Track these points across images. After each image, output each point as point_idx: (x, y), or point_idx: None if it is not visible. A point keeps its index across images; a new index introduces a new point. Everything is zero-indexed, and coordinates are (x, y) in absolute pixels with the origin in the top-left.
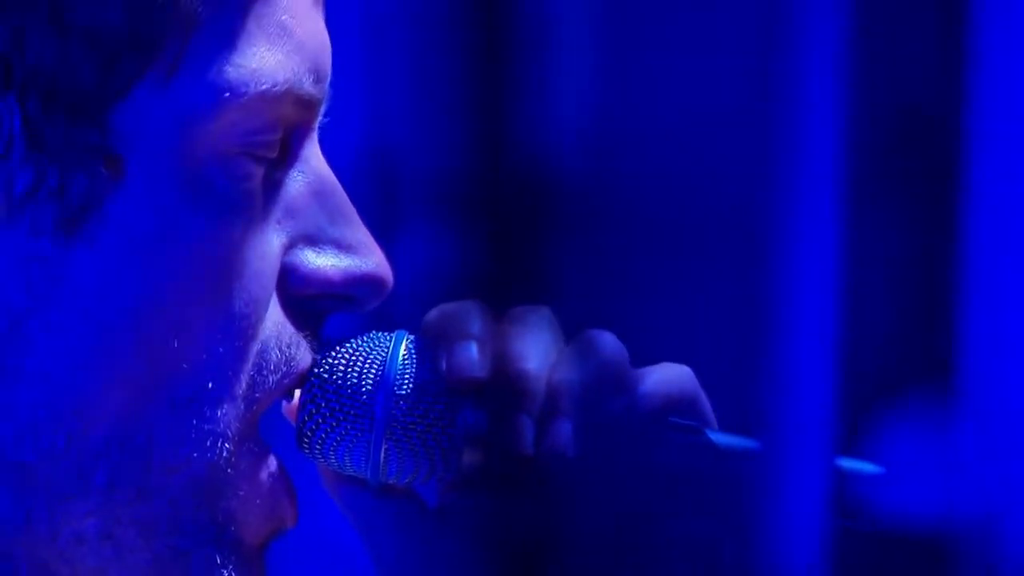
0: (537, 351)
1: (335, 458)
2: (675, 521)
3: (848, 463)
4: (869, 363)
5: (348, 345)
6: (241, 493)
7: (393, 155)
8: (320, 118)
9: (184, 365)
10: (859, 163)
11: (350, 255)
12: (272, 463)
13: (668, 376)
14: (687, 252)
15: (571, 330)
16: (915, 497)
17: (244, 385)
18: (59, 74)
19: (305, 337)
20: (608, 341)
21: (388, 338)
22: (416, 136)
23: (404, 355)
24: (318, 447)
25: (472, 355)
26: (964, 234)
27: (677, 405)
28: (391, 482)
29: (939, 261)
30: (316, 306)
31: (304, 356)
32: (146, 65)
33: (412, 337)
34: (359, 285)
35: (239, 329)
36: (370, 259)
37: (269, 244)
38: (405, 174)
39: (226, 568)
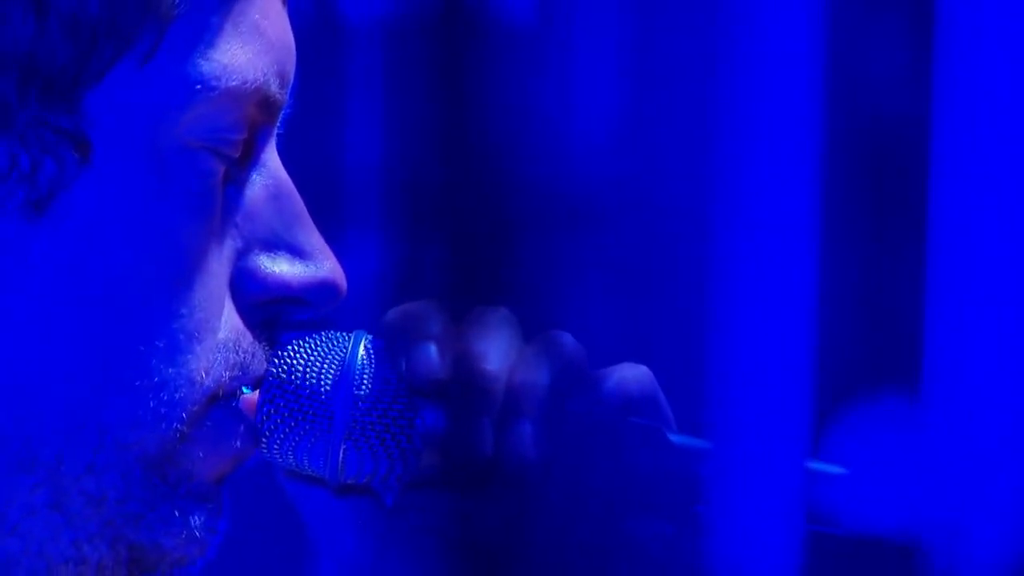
0: (497, 352)
1: (294, 458)
2: (637, 522)
3: (816, 465)
4: (835, 366)
5: (306, 344)
6: (197, 457)
7: (355, 161)
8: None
9: (140, 351)
10: (828, 172)
11: (305, 260)
12: (235, 427)
13: (628, 376)
14: (652, 254)
15: (533, 331)
16: (881, 500)
17: (201, 374)
18: (35, 57)
19: (262, 347)
20: (567, 342)
21: (347, 338)
22: (378, 142)
23: (363, 355)
24: (276, 447)
25: (431, 356)
26: (928, 240)
27: (637, 405)
28: (350, 482)
29: (903, 266)
30: (271, 312)
31: (260, 365)
32: (121, 52)
33: (371, 337)
34: (314, 290)
35: (197, 322)
36: (325, 264)
37: (226, 245)
38: (367, 179)
39: (184, 516)
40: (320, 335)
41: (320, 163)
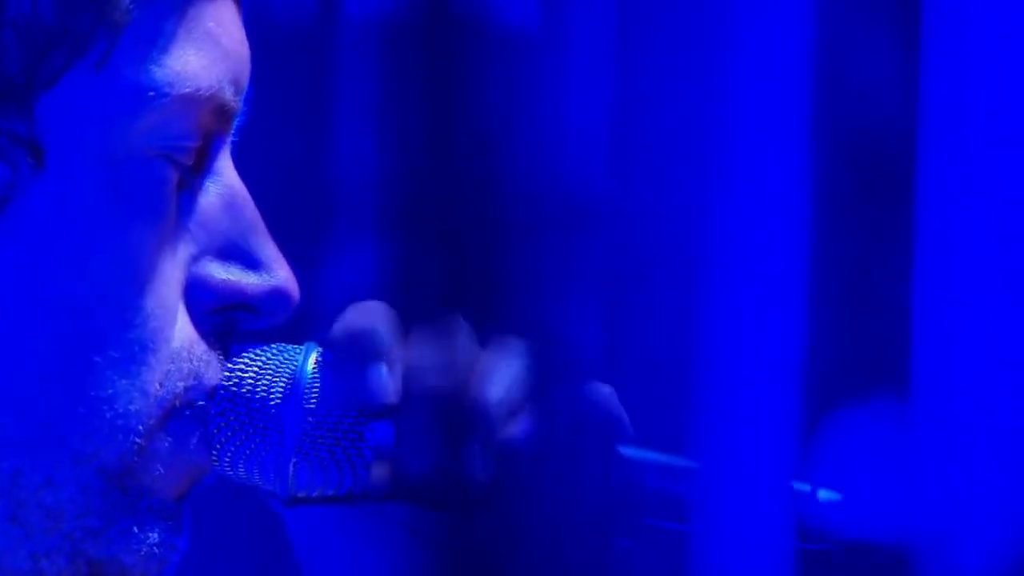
0: (448, 366)
1: (244, 471)
2: (613, 541)
3: (804, 487)
4: (825, 372)
5: (258, 357)
6: (156, 470)
7: (347, 165)
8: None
9: (95, 361)
10: (816, 178)
11: (258, 269)
12: (192, 439)
13: (589, 397)
14: (642, 260)
15: (521, 335)
16: (872, 507)
17: (156, 385)
18: None
19: (216, 356)
20: (521, 354)
21: (298, 350)
22: (369, 146)
23: (313, 368)
24: (228, 460)
25: (382, 382)
26: (916, 246)
27: (596, 426)
28: (300, 496)
29: (891, 271)
30: (224, 320)
31: (215, 375)
32: (74, 58)
33: (322, 350)
34: (267, 298)
35: (150, 331)
36: (278, 274)
37: (179, 253)
38: (358, 183)
39: (143, 532)
40: (272, 347)
41: (311, 167)
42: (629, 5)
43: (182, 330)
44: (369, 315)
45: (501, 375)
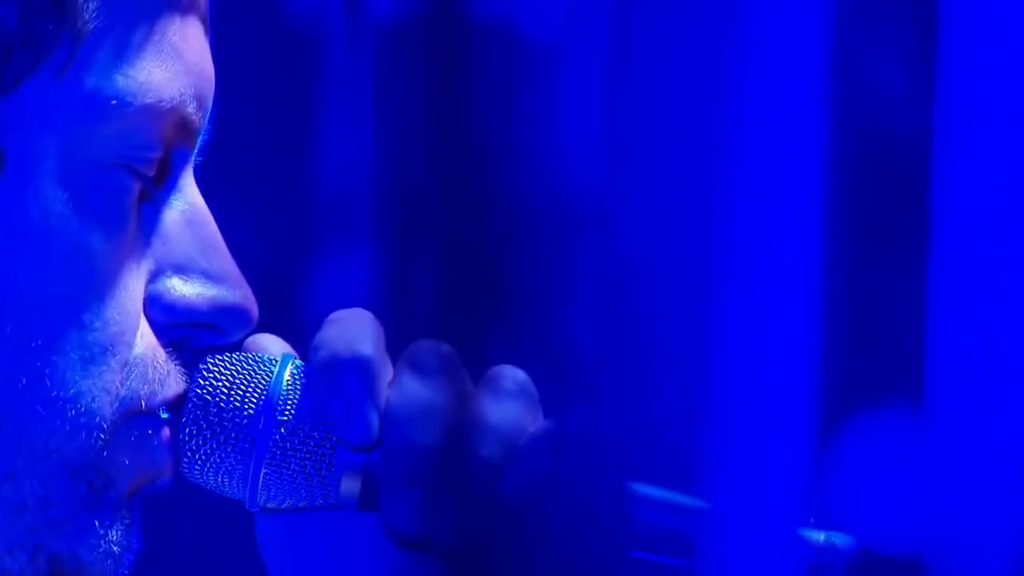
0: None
1: (214, 479)
2: None
3: (814, 534)
4: (839, 379)
5: (233, 365)
6: (121, 465)
7: (344, 171)
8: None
9: (54, 362)
10: (830, 185)
11: (217, 285)
12: (156, 436)
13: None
14: (651, 265)
15: (522, 343)
16: (884, 514)
17: (116, 385)
18: None
19: (176, 369)
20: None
21: (274, 361)
22: (368, 152)
23: (288, 380)
24: (198, 467)
25: (367, 423)
26: (930, 256)
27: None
28: (270, 507)
29: (905, 280)
30: (182, 335)
31: (176, 384)
32: (36, 64)
33: (299, 362)
34: (224, 314)
35: (111, 336)
36: (236, 291)
37: (141, 264)
38: (356, 189)
39: (103, 528)
40: (249, 356)
41: (308, 174)
42: (643, 8)
43: (144, 338)
44: (351, 329)
45: (493, 425)
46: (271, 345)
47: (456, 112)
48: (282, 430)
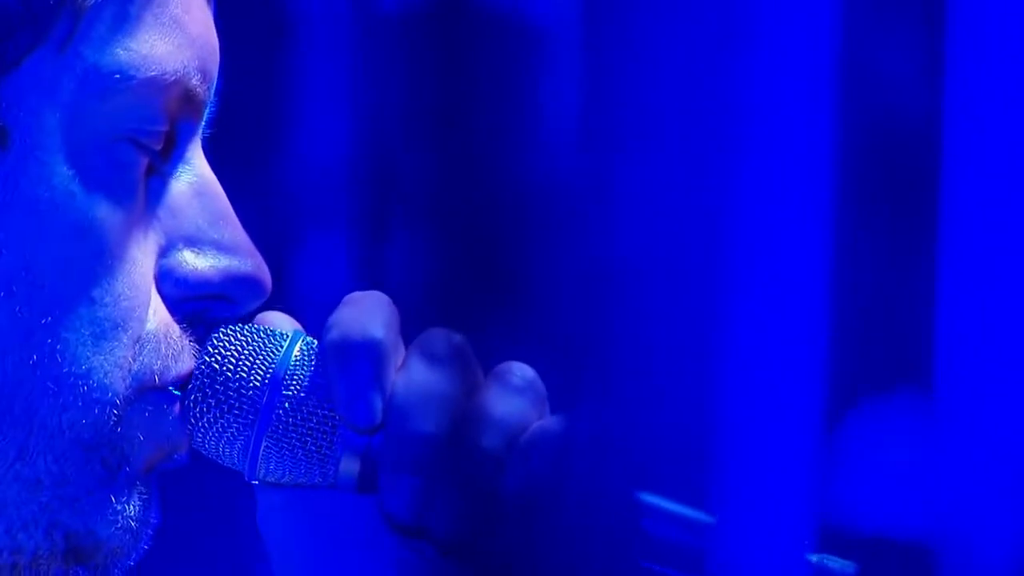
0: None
1: (215, 448)
2: None
3: (819, 559)
4: (848, 367)
5: (243, 337)
6: (137, 440)
7: (369, 164)
8: (204, 126)
9: (65, 339)
10: (839, 177)
11: (229, 256)
12: (171, 411)
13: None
14: (658, 257)
15: (524, 332)
16: (894, 502)
17: (128, 360)
18: None
19: (189, 344)
20: (523, 384)
21: (284, 336)
22: (366, 140)
23: (297, 356)
24: (200, 435)
25: (370, 407)
26: (940, 247)
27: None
28: (268, 480)
29: (915, 271)
30: (195, 308)
31: (190, 359)
32: (38, 39)
33: (309, 339)
34: (237, 285)
35: (122, 311)
36: (249, 260)
37: (150, 238)
38: (353, 177)
39: (120, 504)
40: (258, 329)
41: (302, 162)
42: (652, 1)
43: (156, 313)
44: (365, 312)
45: (498, 417)
46: (282, 322)
47: (457, 101)
48: (286, 405)
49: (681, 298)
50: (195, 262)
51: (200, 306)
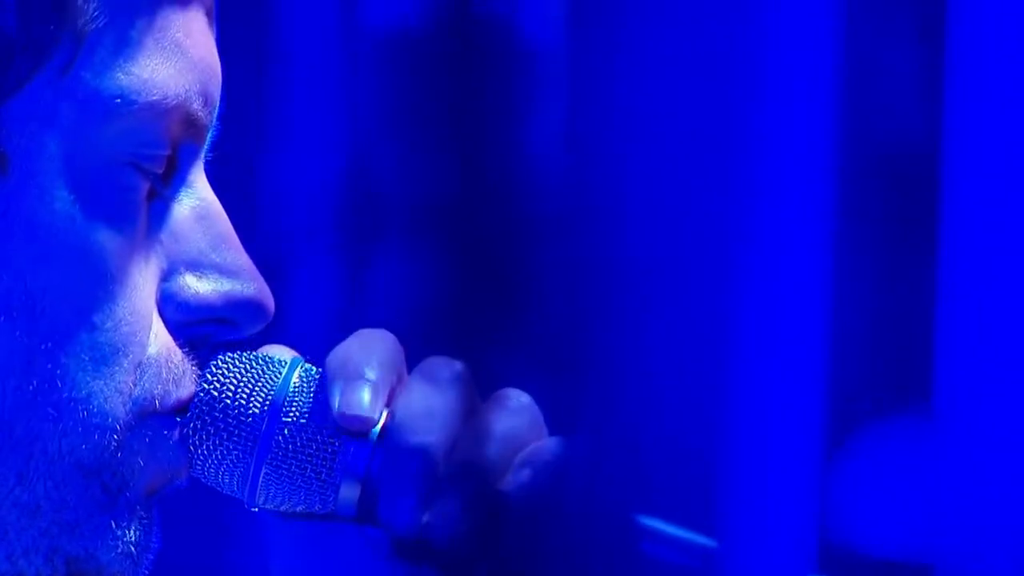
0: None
1: (215, 476)
2: None
3: None
4: (849, 386)
5: (242, 364)
6: (136, 466)
7: (368, 177)
8: (207, 150)
9: (64, 364)
10: (839, 188)
11: (231, 279)
12: (171, 436)
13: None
14: (665, 266)
15: (541, 353)
16: (895, 522)
17: (129, 386)
18: None
19: (191, 369)
20: (519, 408)
21: (283, 363)
22: (390, 158)
23: (296, 382)
24: (200, 463)
25: (363, 398)
26: (940, 259)
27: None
28: (268, 508)
29: (914, 291)
30: (198, 332)
31: (190, 385)
32: (38, 65)
33: (308, 366)
34: (239, 308)
35: (123, 336)
36: (252, 284)
37: (151, 262)
38: (378, 195)
39: (120, 529)
40: (257, 356)
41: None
42: (658, 8)
43: (158, 337)
44: (370, 342)
45: (497, 435)
46: (280, 353)
47: (462, 109)
48: (285, 431)
49: (683, 315)
50: (197, 286)
51: (203, 330)
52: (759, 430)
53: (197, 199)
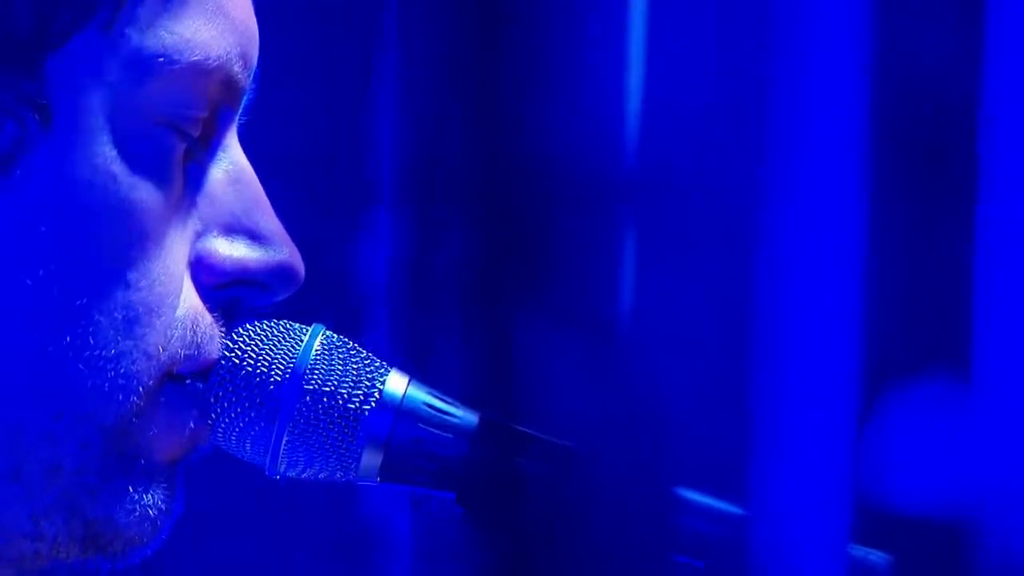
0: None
1: (237, 443)
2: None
3: (861, 552)
4: (885, 348)
5: (264, 332)
6: (152, 433)
7: (370, 146)
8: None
9: (98, 322)
10: (875, 157)
11: (263, 244)
12: (189, 404)
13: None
14: (693, 240)
15: (565, 322)
16: (930, 484)
17: (158, 348)
18: None
19: (220, 331)
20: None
21: (304, 330)
22: (409, 125)
23: (318, 350)
24: (222, 431)
25: None
26: (978, 228)
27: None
28: (289, 474)
29: (953, 254)
30: (229, 295)
31: (215, 350)
32: (82, 19)
33: (329, 333)
34: (271, 273)
35: (156, 296)
36: (283, 249)
37: (187, 224)
38: (381, 164)
39: (138, 493)
40: (279, 324)
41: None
42: None
43: (187, 300)
44: None
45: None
46: None
47: (492, 81)
48: (307, 399)
49: (715, 280)
50: (230, 249)
51: (234, 293)
52: (790, 397)
53: (231, 163)
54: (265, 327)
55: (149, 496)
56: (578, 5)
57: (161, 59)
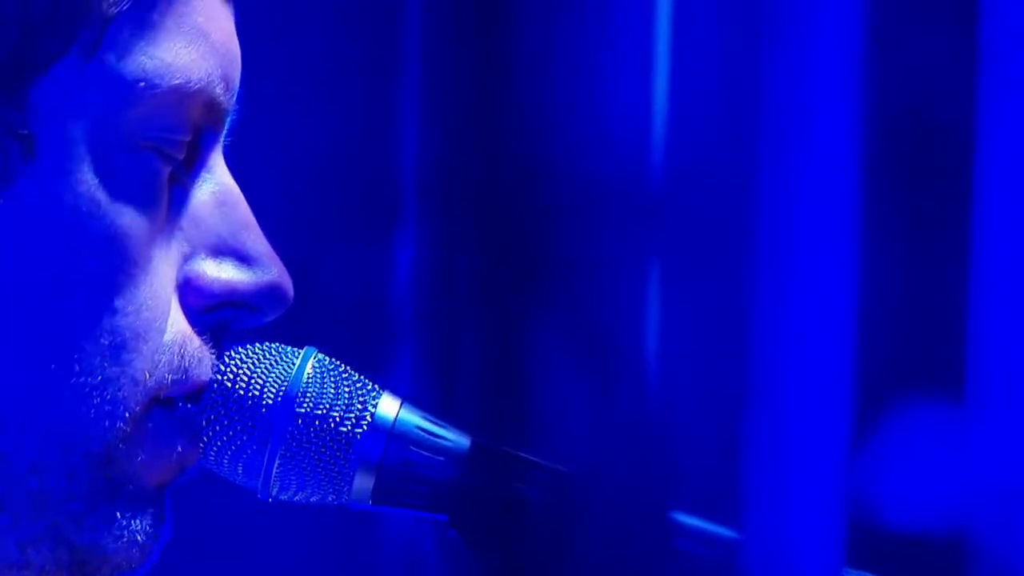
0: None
1: (229, 466)
2: None
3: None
4: (879, 366)
5: (255, 354)
6: (139, 459)
7: (391, 157)
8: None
9: (84, 349)
10: (870, 170)
11: (251, 266)
12: (176, 428)
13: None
14: (693, 249)
15: (562, 329)
16: (925, 502)
17: (145, 374)
18: None
19: (209, 354)
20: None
21: (296, 353)
22: (416, 133)
23: (310, 372)
24: (213, 455)
25: None
26: (973, 243)
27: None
28: (282, 498)
29: (947, 266)
30: (218, 318)
31: (205, 372)
32: (63, 48)
33: (321, 356)
34: (260, 294)
35: (143, 321)
36: (272, 269)
37: (172, 248)
38: (403, 175)
39: (125, 519)
40: (271, 346)
41: (372, 161)
42: None
43: (175, 323)
44: None
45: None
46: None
47: (505, 90)
48: (299, 422)
49: (709, 300)
50: (217, 271)
51: (223, 316)
52: (785, 417)
53: (217, 184)
54: (257, 350)
55: (137, 522)
56: (606, 18)
57: (142, 84)
